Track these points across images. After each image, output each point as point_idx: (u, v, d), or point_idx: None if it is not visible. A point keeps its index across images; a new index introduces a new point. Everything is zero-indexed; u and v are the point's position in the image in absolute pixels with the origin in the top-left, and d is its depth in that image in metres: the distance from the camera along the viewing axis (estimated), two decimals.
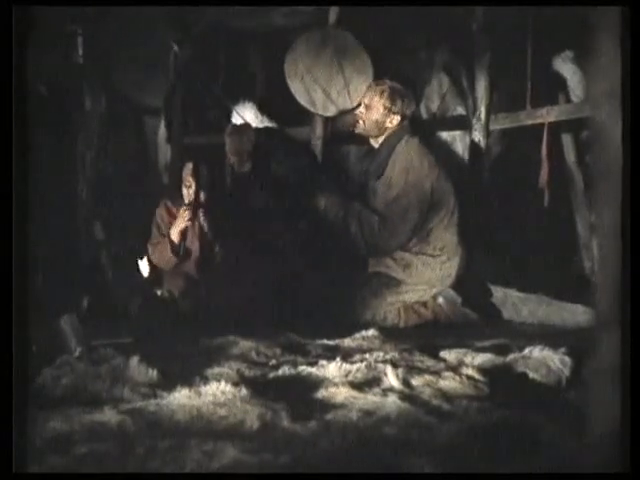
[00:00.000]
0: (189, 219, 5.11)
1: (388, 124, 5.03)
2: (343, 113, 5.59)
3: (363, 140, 5.28)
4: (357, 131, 5.15)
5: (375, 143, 5.11)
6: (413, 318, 4.94)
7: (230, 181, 5.75)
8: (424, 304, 4.99)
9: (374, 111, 5.04)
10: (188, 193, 5.20)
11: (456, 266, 4.98)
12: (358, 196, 5.13)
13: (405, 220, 4.89)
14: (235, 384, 2.61)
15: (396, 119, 5.01)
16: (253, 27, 6.01)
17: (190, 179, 5.18)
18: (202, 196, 5.18)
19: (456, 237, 4.98)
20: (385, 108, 5.01)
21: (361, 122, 5.10)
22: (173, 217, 5.26)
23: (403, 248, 4.97)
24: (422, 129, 5.80)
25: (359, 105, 5.18)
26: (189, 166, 5.22)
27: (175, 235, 5.15)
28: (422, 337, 4.15)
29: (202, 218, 5.13)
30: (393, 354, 3.37)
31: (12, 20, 1.69)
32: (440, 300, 4.98)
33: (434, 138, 5.90)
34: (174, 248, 5.15)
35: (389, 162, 4.99)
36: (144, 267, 5.35)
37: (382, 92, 5.04)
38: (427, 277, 4.95)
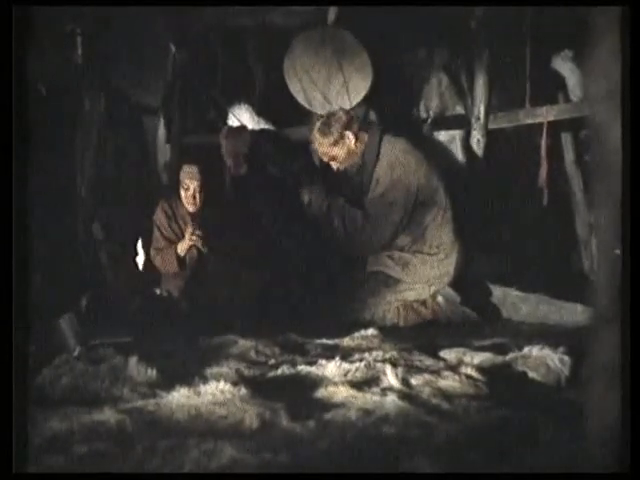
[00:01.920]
0: (197, 239, 5.11)
1: (351, 144, 5.04)
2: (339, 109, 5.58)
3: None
4: (354, 174, 5.14)
5: (360, 159, 5.10)
6: (412, 317, 4.93)
7: (227, 183, 5.76)
8: (423, 303, 4.98)
9: (337, 153, 5.07)
10: (186, 195, 5.21)
11: (454, 264, 4.99)
12: (346, 194, 5.13)
13: (388, 217, 4.91)
14: (234, 383, 2.61)
15: (350, 136, 5.03)
16: (252, 27, 6.01)
17: (187, 182, 5.20)
18: (199, 198, 5.19)
19: (452, 234, 4.99)
20: (334, 143, 5.04)
21: (350, 168, 5.11)
22: (171, 219, 5.27)
23: (400, 248, 4.98)
24: (420, 128, 5.82)
25: (329, 165, 5.18)
26: (185, 169, 5.24)
27: (182, 251, 5.16)
28: (421, 336, 4.15)
29: (199, 240, 5.13)
30: (392, 353, 3.37)
31: (12, 20, 1.69)
32: (439, 299, 4.98)
33: (432, 137, 5.90)
34: (180, 262, 5.17)
35: (377, 163, 5.00)
36: (140, 259, 5.37)
37: (320, 141, 5.08)
38: (425, 275, 4.96)
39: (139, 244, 5.47)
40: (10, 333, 1.67)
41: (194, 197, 5.20)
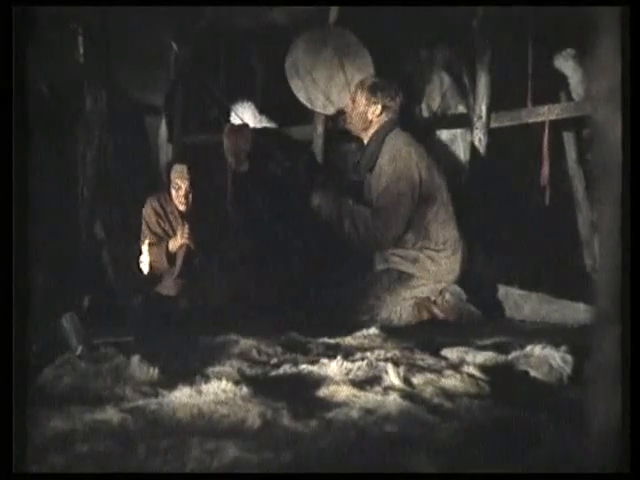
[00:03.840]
0: (189, 237, 5.10)
1: (370, 115, 5.09)
2: (343, 111, 5.59)
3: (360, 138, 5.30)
4: (347, 127, 5.22)
5: (365, 138, 5.14)
6: (426, 316, 4.93)
7: (228, 181, 5.76)
8: (434, 301, 4.98)
9: (358, 104, 5.14)
10: (177, 195, 5.21)
11: (460, 260, 4.99)
12: (352, 191, 5.15)
13: (397, 209, 4.92)
14: (236, 382, 2.61)
15: (377, 109, 5.07)
16: (253, 26, 6.01)
17: (178, 182, 5.19)
18: (190, 198, 5.18)
19: (456, 231, 4.99)
20: (367, 99, 5.09)
21: (348, 117, 5.19)
22: (160, 216, 5.27)
23: (405, 245, 4.98)
24: (422, 127, 5.82)
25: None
26: (176, 168, 5.23)
27: (174, 248, 5.16)
28: (423, 335, 4.15)
29: (188, 238, 5.12)
30: (394, 352, 3.37)
31: (12, 20, 1.69)
32: (447, 296, 4.98)
33: (435, 136, 5.91)
34: (170, 258, 5.16)
35: (379, 154, 5.03)
36: (145, 260, 5.36)
37: (363, 86, 5.14)
38: (434, 271, 4.97)
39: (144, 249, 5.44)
40: (10, 332, 1.67)
41: (186, 197, 5.20)
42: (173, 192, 5.22)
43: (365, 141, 5.14)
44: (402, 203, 4.92)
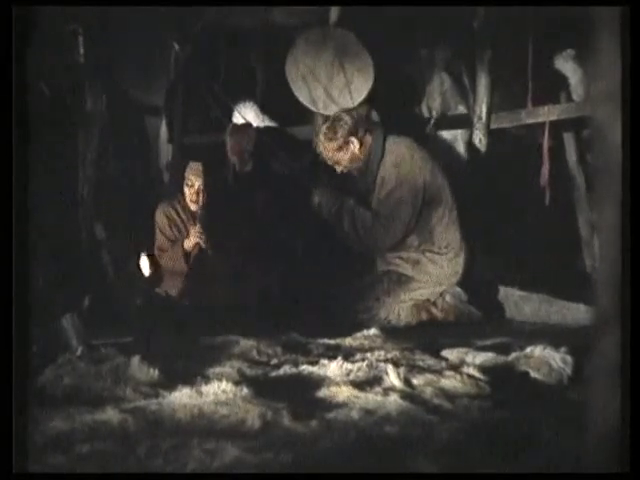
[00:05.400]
0: (201, 236, 5.09)
1: (355, 150, 5.08)
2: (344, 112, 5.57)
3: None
4: (359, 175, 5.16)
5: (365, 163, 5.13)
6: (426, 317, 4.94)
7: (231, 181, 5.75)
8: (434, 303, 4.99)
9: (341, 158, 5.11)
10: (189, 192, 5.19)
11: (462, 263, 5.00)
12: (354, 193, 5.15)
13: (398, 215, 4.92)
14: (236, 383, 2.61)
15: (354, 142, 5.06)
16: (254, 26, 6.00)
17: (192, 178, 5.17)
18: (202, 198, 5.17)
19: (459, 234, 5.00)
20: (339, 149, 5.09)
21: (353, 171, 5.15)
22: (172, 220, 5.26)
23: (408, 248, 4.99)
24: (423, 128, 5.82)
25: (335, 168, 5.20)
26: (192, 165, 5.21)
27: (189, 247, 5.15)
28: (423, 336, 4.15)
29: (200, 237, 5.11)
30: (394, 353, 3.37)
31: (12, 20, 1.69)
32: (447, 298, 4.99)
33: (435, 137, 5.90)
34: (187, 258, 5.15)
35: (381, 163, 5.02)
36: (145, 264, 5.35)
37: (324, 145, 5.11)
38: (435, 274, 4.98)
39: (143, 259, 5.43)
40: (10, 333, 1.67)
41: (198, 194, 5.17)
42: (186, 190, 5.20)
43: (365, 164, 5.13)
44: (403, 209, 4.93)
